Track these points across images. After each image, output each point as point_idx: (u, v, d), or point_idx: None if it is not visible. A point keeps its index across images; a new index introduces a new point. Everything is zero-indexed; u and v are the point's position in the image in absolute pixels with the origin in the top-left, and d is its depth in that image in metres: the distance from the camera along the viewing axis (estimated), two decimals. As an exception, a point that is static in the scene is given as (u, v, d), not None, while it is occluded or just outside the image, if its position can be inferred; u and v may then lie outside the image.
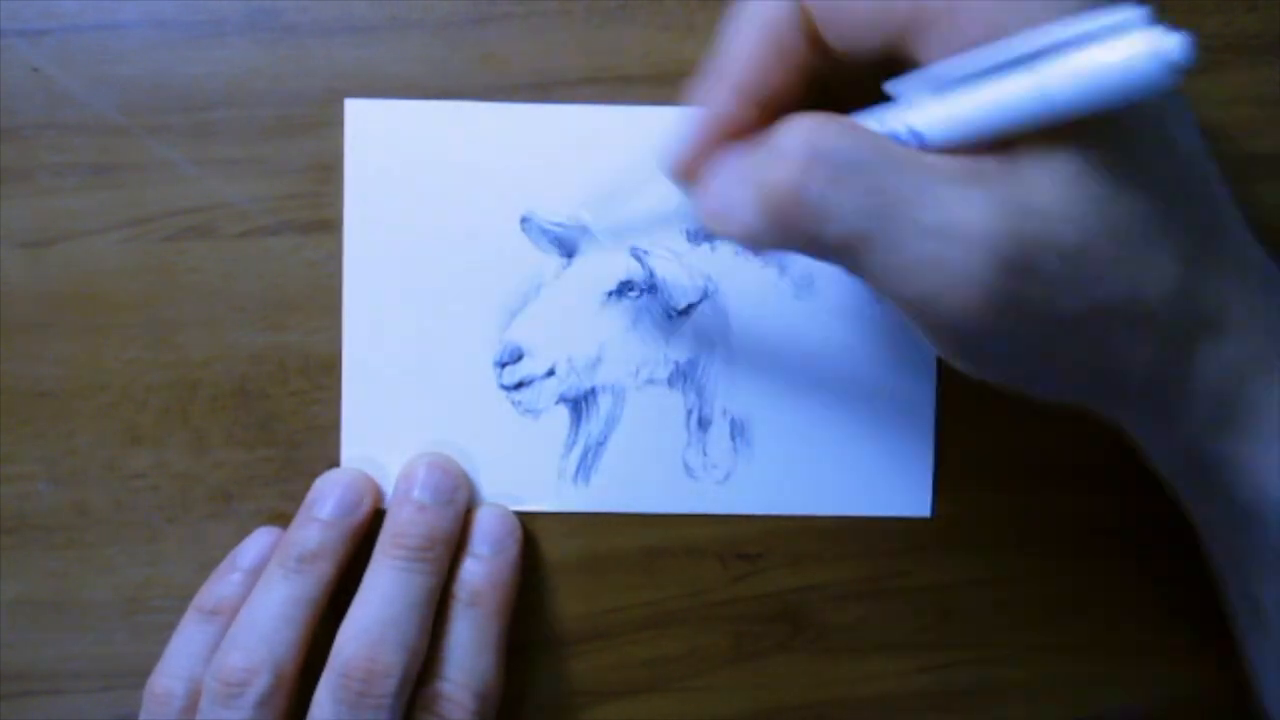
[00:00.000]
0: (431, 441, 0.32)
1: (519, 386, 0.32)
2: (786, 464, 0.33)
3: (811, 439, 0.33)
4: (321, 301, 0.32)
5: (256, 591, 0.30)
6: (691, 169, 0.25)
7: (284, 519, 0.32)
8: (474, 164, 0.32)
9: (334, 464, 0.32)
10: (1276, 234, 0.25)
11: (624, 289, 0.32)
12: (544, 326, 0.32)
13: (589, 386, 0.32)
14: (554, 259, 0.32)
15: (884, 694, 0.34)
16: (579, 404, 0.32)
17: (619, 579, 0.33)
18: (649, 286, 0.32)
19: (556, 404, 0.32)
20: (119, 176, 0.31)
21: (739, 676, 0.33)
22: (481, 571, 0.31)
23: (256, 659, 0.28)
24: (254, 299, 0.32)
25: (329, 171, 0.32)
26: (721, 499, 0.33)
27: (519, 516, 0.32)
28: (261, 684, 0.28)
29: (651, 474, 0.33)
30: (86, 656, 0.32)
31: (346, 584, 0.30)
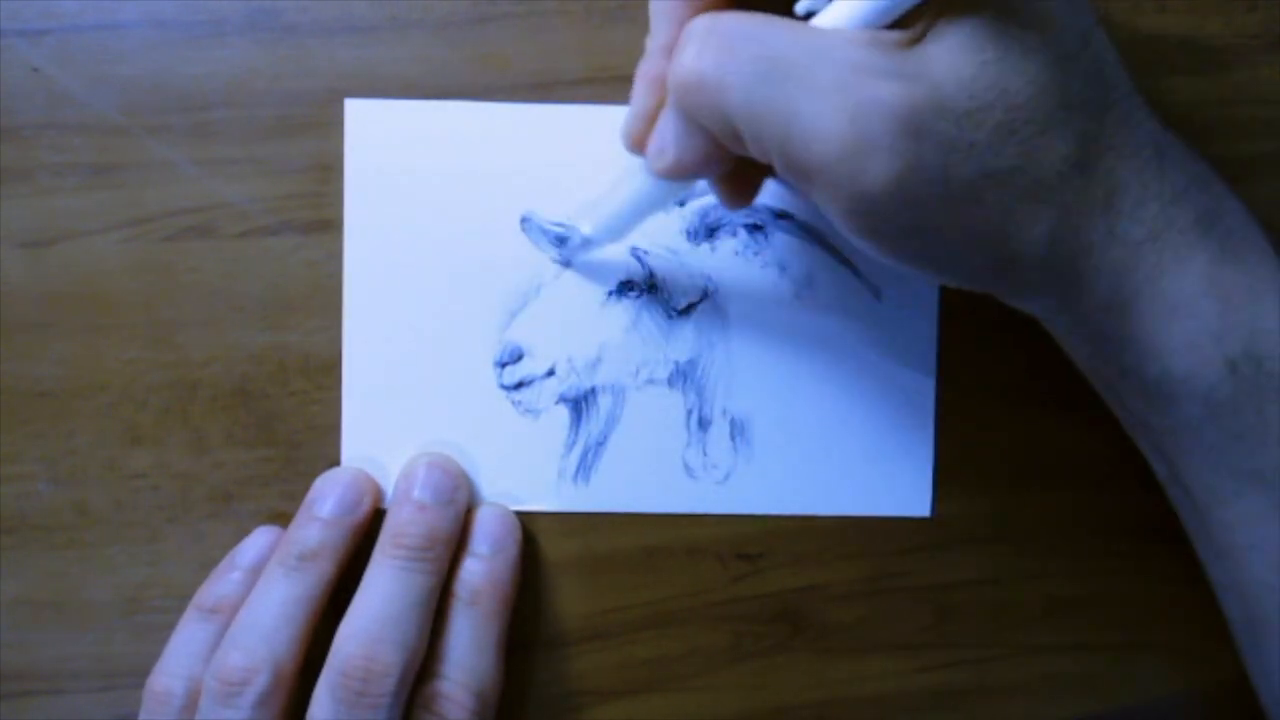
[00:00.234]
0: (431, 441, 0.32)
1: (519, 386, 0.32)
2: (786, 464, 0.33)
3: (811, 439, 0.33)
4: (321, 301, 0.32)
5: (256, 590, 0.30)
6: (643, 136, 0.26)
7: (284, 519, 0.32)
8: (474, 164, 0.32)
9: (334, 464, 0.32)
10: (1277, 234, 0.25)
11: (624, 289, 0.32)
12: (544, 326, 0.32)
13: (589, 386, 0.32)
14: (554, 259, 0.32)
15: (884, 694, 0.34)
16: (579, 404, 0.32)
17: (619, 579, 0.33)
18: (649, 286, 0.32)
19: (556, 404, 0.32)
20: (119, 176, 0.31)
21: (739, 676, 0.33)
22: (481, 571, 0.31)
23: (256, 658, 0.28)
24: (254, 299, 0.32)
25: (329, 171, 0.32)
26: (721, 499, 0.33)
27: (519, 516, 0.32)
28: (261, 683, 0.28)
29: (651, 474, 0.33)
30: (86, 656, 0.32)
31: (347, 583, 0.30)
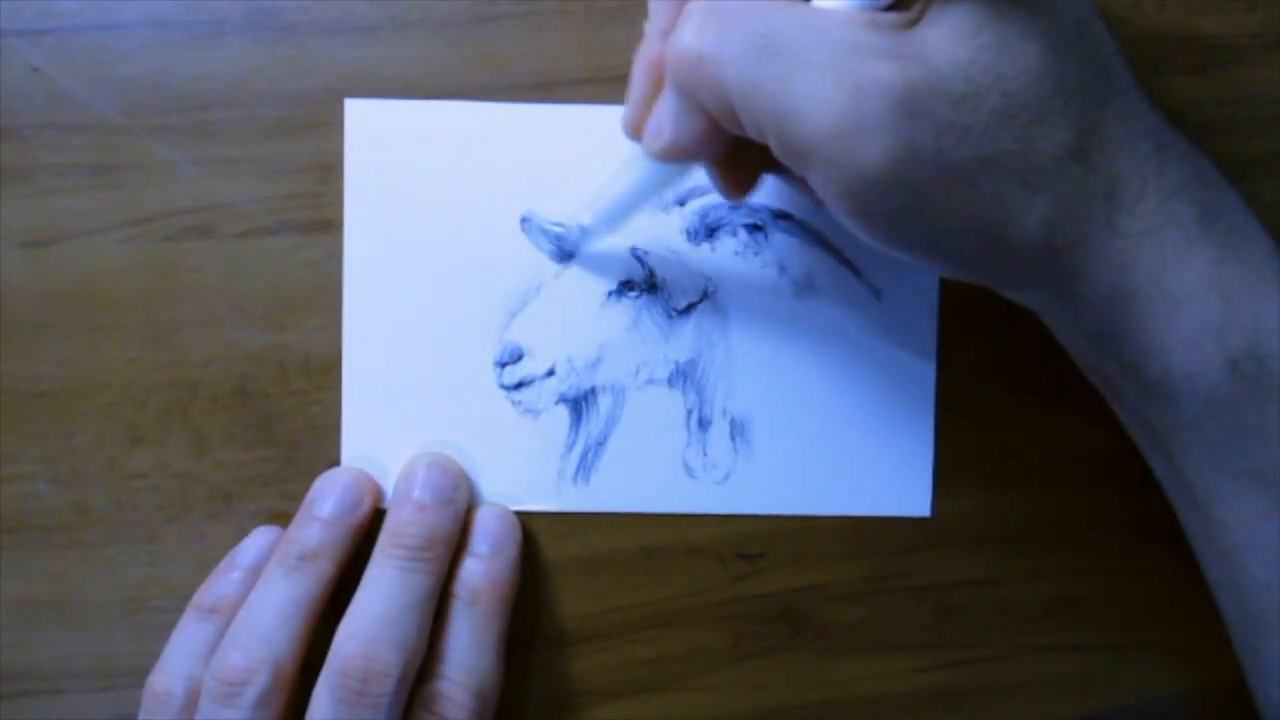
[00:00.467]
0: (431, 441, 0.32)
1: (519, 386, 0.32)
2: (786, 464, 0.33)
3: (811, 439, 0.33)
4: (321, 301, 0.32)
5: (256, 590, 0.30)
6: (642, 121, 0.26)
7: (284, 519, 0.32)
8: (474, 164, 0.32)
9: (334, 464, 0.32)
10: (1277, 234, 0.25)
11: (624, 289, 0.32)
12: (544, 326, 0.32)
13: (589, 386, 0.32)
14: (550, 254, 0.32)
15: (884, 694, 0.34)
16: (579, 404, 0.32)
17: (619, 579, 0.33)
18: (649, 286, 0.32)
19: (556, 404, 0.32)
20: (119, 176, 0.31)
21: (739, 676, 0.33)
22: (481, 571, 0.31)
23: (256, 658, 0.28)
24: (254, 299, 0.32)
25: (329, 171, 0.32)
26: (721, 499, 0.33)
27: (519, 516, 0.32)
28: (261, 683, 0.28)
29: (651, 474, 0.33)
30: (86, 656, 0.32)
31: (346, 583, 0.30)
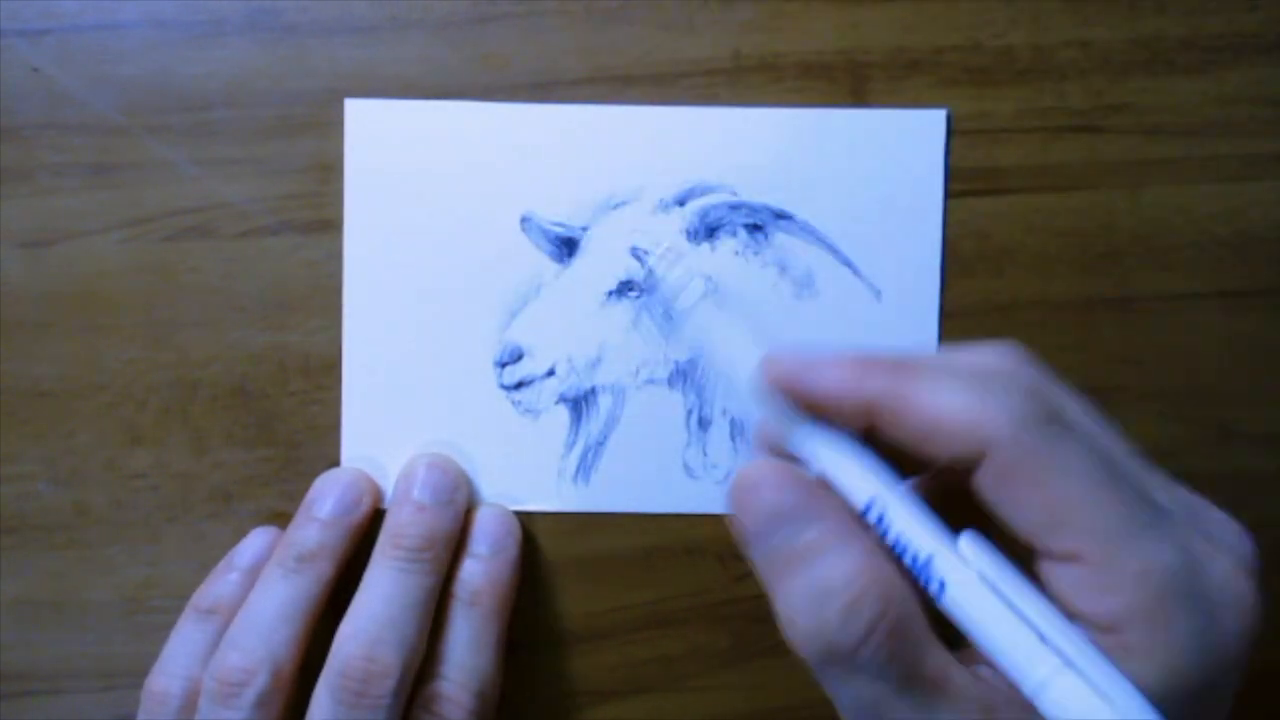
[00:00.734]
0: (431, 441, 0.32)
1: (519, 386, 0.32)
2: (786, 464, 0.33)
3: (811, 439, 0.33)
4: (321, 301, 0.32)
5: (255, 591, 0.30)
6: (783, 383, 0.23)
7: (284, 519, 0.32)
8: (474, 164, 0.32)
9: (334, 464, 0.32)
10: (1277, 233, 0.25)
11: (624, 289, 0.32)
12: (544, 326, 0.32)
13: (589, 386, 0.32)
14: (554, 259, 0.32)
15: (884, 694, 0.34)
16: (579, 404, 0.32)
17: (619, 579, 0.33)
18: (649, 286, 0.32)
19: (556, 404, 0.32)
20: (119, 176, 0.31)
21: (739, 676, 0.33)
22: (480, 571, 0.31)
23: (255, 659, 0.28)
24: (254, 299, 0.32)
25: (329, 171, 0.32)
26: (721, 499, 0.33)
27: (519, 516, 0.32)
28: (260, 684, 0.28)
29: (651, 474, 0.33)
30: (86, 656, 0.33)
31: (346, 583, 0.30)
